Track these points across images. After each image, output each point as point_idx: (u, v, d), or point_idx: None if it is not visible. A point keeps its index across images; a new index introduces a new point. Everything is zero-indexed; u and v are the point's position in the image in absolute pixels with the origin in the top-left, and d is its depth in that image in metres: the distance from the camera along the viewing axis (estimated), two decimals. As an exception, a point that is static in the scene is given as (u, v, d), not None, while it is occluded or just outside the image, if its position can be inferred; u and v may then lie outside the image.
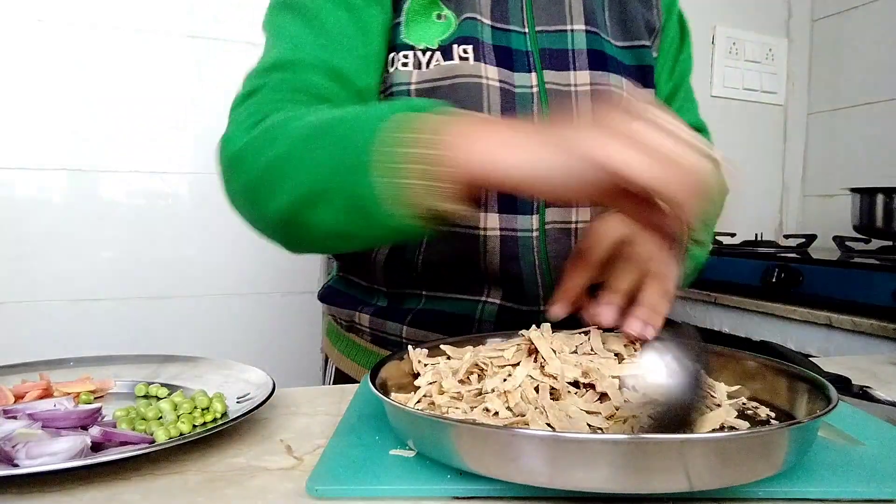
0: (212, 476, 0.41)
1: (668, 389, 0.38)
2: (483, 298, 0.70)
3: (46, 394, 0.54)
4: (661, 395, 0.39)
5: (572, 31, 0.70)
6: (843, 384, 0.58)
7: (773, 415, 0.46)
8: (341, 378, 0.81)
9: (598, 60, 0.70)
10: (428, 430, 0.39)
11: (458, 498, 0.37)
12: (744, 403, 0.48)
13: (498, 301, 0.69)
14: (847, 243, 1.39)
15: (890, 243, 1.37)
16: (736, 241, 1.52)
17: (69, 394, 0.54)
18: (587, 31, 0.71)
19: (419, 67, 0.66)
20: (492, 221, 0.67)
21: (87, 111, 1.23)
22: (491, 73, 0.66)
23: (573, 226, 0.70)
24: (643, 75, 0.74)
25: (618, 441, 0.33)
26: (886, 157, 1.62)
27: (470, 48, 0.66)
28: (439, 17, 0.68)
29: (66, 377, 0.58)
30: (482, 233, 0.67)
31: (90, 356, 0.62)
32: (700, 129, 0.81)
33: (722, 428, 0.42)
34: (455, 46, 0.66)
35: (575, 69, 0.69)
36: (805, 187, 1.88)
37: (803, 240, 1.48)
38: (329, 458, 0.41)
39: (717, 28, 1.74)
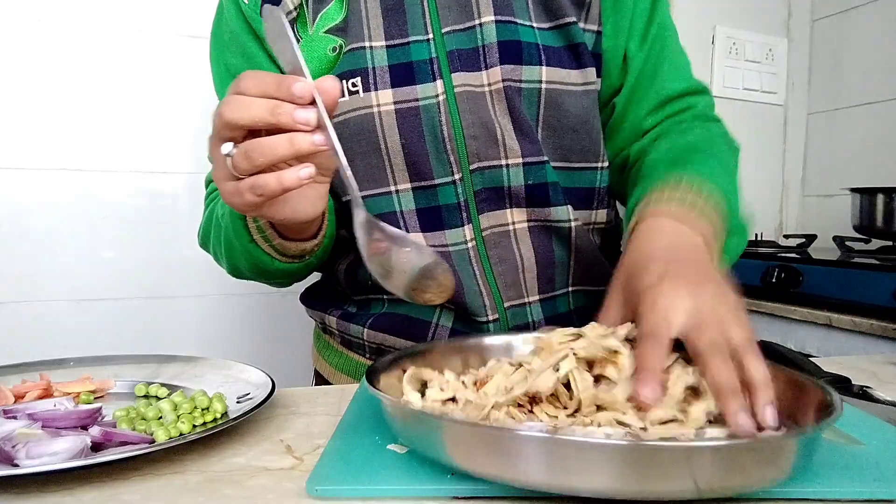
0: (212, 476, 0.41)
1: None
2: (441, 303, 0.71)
3: (46, 394, 0.54)
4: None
5: (481, 24, 0.66)
6: (843, 384, 0.58)
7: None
8: (319, 379, 0.82)
9: (511, 52, 0.66)
10: (426, 429, 0.39)
11: (458, 498, 0.37)
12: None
13: (453, 307, 0.70)
14: (847, 243, 1.39)
15: (890, 243, 1.37)
16: (736, 241, 1.52)
17: (69, 394, 0.54)
18: (497, 22, 0.66)
19: None
20: (417, 240, 0.68)
21: (87, 111, 1.23)
22: (384, 98, 0.65)
23: (511, 227, 0.69)
24: (576, 55, 0.69)
25: (622, 446, 0.33)
26: (886, 157, 1.62)
27: (358, 80, 0.65)
28: (333, 49, 0.68)
29: (66, 377, 0.58)
30: None
31: (90, 356, 0.62)
32: (698, 91, 0.75)
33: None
34: (344, 82, 0.66)
35: (486, 67, 0.66)
36: (805, 187, 1.88)
37: (803, 240, 1.48)
38: (329, 458, 0.41)
39: (717, 28, 1.74)
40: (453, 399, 0.48)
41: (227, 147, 0.46)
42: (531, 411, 0.44)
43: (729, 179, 0.64)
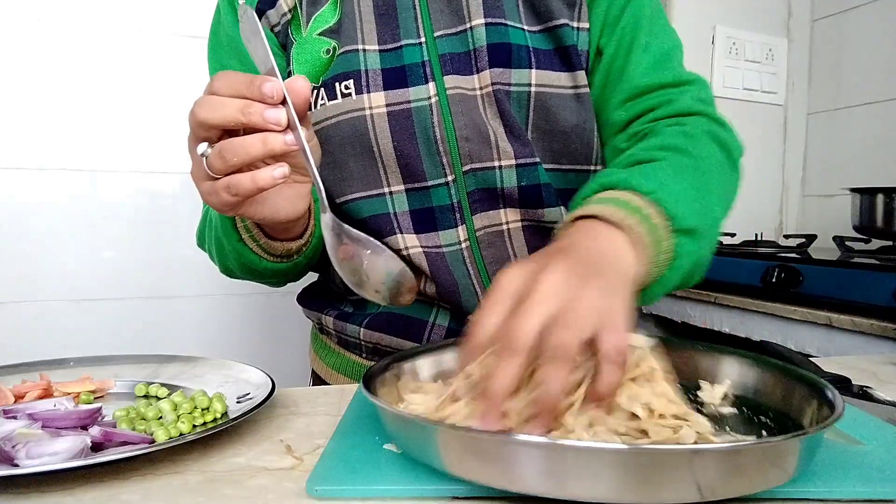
0: (212, 476, 0.41)
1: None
2: (437, 303, 0.71)
3: (46, 394, 0.54)
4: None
5: (472, 28, 0.66)
6: (843, 384, 0.58)
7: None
8: (316, 379, 0.82)
9: (501, 55, 0.66)
10: (420, 434, 0.38)
11: (458, 498, 0.37)
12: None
13: (449, 307, 0.70)
14: (847, 243, 1.39)
15: (890, 243, 1.37)
16: (736, 241, 1.52)
17: (69, 394, 0.54)
18: (487, 24, 0.66)
19: (310, 109, 0.68)
20: (410, 241, 0.68)
21: (87, 111, 1.23)
22: (376, 101, 0.65)
23: (505, 227, 0.69)
24: (566, 58, 0.68)
25: (623, 451, 0.33)
26: (886, 157, 1.62)
27: (351, 82, 0.66)
28: (327, 52, 0.68)
29: (66, 377, 0.58)
30: (405, 252, 0.68)
31: (90, 356, 0.62)
32: (681, 83, 0.69)
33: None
34: (337, 84, 0.66)
35: (477, 71, 0.66)
36: (805, 187, 1.88)
37: (803, 240, 1.48)
38: (329, 458, 0.41)
39: (717, 28, 1.74)
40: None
41: (203, 147, 0.47)
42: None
43: (692, 178, 0.57)
